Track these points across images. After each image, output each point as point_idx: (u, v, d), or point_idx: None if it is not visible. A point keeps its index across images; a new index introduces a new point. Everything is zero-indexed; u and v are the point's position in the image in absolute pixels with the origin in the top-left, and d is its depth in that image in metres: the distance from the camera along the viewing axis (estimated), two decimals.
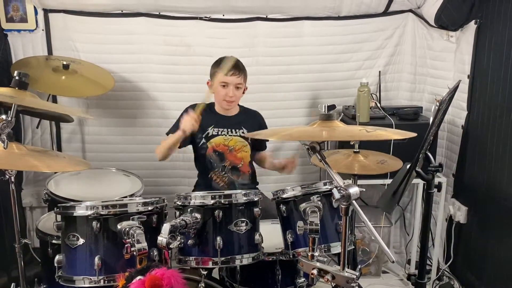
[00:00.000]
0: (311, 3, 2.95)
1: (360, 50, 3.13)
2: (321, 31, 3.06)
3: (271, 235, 1.97)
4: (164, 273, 1.39)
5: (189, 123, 2.29)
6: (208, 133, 2.52)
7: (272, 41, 3.04)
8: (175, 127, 2.45)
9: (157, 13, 2.92)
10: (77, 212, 1.67)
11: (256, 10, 2.96)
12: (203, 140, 2.52)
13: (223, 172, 2.55)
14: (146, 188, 2.43)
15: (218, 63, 2.50)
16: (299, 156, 2.62)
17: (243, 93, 2.54)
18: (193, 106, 2.51)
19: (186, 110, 2.49)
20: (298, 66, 3.09)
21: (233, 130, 2.55)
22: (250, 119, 2.62)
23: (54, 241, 1.95)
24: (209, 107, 2.57)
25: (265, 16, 2.99)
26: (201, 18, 2.95)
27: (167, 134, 2.52)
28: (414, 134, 1.62)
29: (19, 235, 2.01)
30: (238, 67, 2.46)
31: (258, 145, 2.67)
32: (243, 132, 2.55)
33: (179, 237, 1.62)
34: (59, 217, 1.74)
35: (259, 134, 2.33)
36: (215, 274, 2.19)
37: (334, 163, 2.26)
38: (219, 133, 2.53)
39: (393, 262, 1.43)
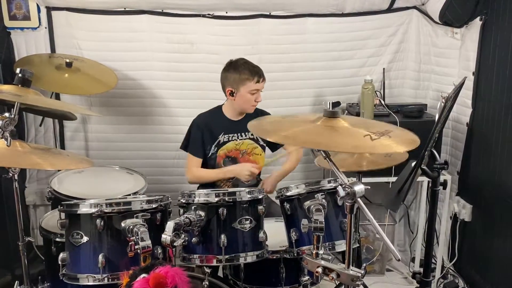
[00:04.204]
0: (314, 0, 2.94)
1: (364, 47, 3.11)
2: (324, 28, 3.04)
3: (275, 233, 1.96)
4: (168, 271, 1.38)
5: (250, 177, 2.37)
6: (219, 141, 2.46)
7: (276, 38, 3.02)
8: (193, 145, 2.45)
9: (160, 10, 2.91)
10: (81, 210, 1.67)
11: (259, 7, 2.95)
12: (214, 150, 2.47)
13: (228, 181, 2.51)
14: (150, 186, 2.43)
15: (237, 69, 2.38)
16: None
17: None
18: (201, 115, 2.49)
19: (194, 123, 2.47)
20: (301, 63, 3.07)
21: (242, 133, 2.50)
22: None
23: (57, 239, 1.95)
24: (217, 112, 2.53)
25: (268, 13, 2.98)
26: (204, 16, 2.95)
27: (184, 148, 2.50)
28: (418, 141, 1.54)
29: (23, 233, 2.00)
30: (260, 71, 2.41)
31: (273, 145, 2.59)
32: (252, 134, 2.51)
33: (183, 235, 1.62)
34: (63, 215, 1.73)
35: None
36: (219, 272, 2.18)
37: (340, 161, 2.23)
38: (230, 138, 2.48)
39: (398, 260, 1.41)
